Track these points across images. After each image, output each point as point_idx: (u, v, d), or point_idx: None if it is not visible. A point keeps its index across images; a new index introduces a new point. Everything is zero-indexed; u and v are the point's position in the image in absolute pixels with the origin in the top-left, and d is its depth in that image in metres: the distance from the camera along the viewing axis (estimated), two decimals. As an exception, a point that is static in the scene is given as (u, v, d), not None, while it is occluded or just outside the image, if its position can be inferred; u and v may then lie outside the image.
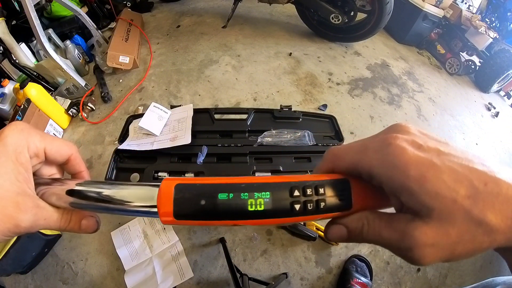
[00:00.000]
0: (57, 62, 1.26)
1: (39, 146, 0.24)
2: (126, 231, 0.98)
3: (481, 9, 2.08)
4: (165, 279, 0.89)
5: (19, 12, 1.34)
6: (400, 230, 0.18)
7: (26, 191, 0.22)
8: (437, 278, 1.01)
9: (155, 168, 0.70)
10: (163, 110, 0.81)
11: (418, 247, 0.17)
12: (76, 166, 0.28)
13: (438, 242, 0.17)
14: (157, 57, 1.69)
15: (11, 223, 0.20)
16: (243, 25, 1.98)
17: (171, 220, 0.20)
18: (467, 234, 0.17)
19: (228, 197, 0.19)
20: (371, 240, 0.20)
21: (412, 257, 0.18)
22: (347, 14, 1.66)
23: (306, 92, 1.53)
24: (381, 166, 0.19)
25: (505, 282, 0.44)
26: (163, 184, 0.21)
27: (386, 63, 1.89)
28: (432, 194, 0.17)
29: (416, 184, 0.17)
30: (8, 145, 0.21)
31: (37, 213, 0.22)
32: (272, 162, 0.74)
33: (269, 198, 0.20)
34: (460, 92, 1.91)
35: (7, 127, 0.23)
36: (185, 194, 0.20)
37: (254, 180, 0.20)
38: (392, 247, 0.19)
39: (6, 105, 1.24)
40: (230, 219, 0.20)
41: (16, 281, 0.89)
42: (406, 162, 0.17)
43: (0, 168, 0.21)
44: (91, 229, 0.26)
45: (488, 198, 0.16)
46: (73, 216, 0.25)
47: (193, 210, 0.20)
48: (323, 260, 0.97)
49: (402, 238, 0.18)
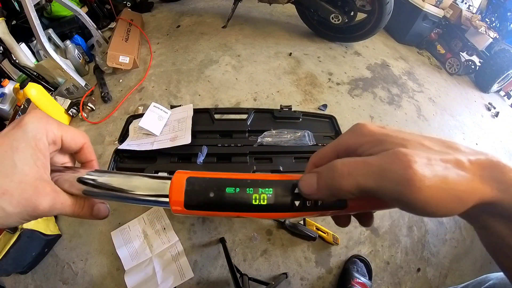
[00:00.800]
0: (57, 62, 1.26)
1: (56, 133, 0.25)
2: (126, 231, 0.98)
3: (481, 9, 2.08)
4: (165, 279, 0.89)
5: (19, 12, 1.34)
6: (391, 154, 0.17)
7: (44, 177, 0.23)
8: (437, 278, 1.01)
9: (155, 168, 0.70)
10: (163, 110, 0.81)
11: (416, 163, 0.16)
12: (88, 155, 0.29)
13: (431, 161, 0.17)
14: (157, 57, 1.69)
15: (31, 206, 0.21)
16: (243, 25, 1.98)
17: (181, 209, 0.22)
18: (449, 164, 0.17)
19: (235, 191, 0.21)
20: (349, 185, 0.18)
21: (413, 181, 0.16)
22: (347, 14, 1.66)
23: (306, 92, 1.53)
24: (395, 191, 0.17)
25: (497, 278, 0.45)
26: (175, 176, 0.22)
27: (386, 63, 1.89)
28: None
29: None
30: (28, 131, 0.22)
31: (54, 197, 0.23)
32: (272, 162, 0.74)
33: (272, 194, 0.21)
34: (460, 92, 1.91)
35: (27, 115, 0.23)
36: (195, 187, 0.22)
37: (259, 177, 0.22)
38: (383, 180, 0.17)
39: (6, 105, 1.24)
40: (235, 211, 0.22)
41: (16, 281, 0.89)
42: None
43: (20, 153, 0.21)
44: (102, 215, 0.27)
45: (450, 147, 0.19)
46: (86, 203, 0.26)
47: (202, 201, 0.21)
48: (323, 260, 0.97)
49: (396, 161, 0.17)
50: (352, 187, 0.18)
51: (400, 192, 0.16)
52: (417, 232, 1.09)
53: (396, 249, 1.03)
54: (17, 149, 0.21)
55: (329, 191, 0.20)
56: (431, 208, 0.17)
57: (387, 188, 0.17)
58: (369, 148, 0.20)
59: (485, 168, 0.17)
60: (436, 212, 0.17)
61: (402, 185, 0.16)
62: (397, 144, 0.18)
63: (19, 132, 0.22)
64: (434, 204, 0.16)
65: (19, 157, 0.21)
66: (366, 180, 0.18)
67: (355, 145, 0.21)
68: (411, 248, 1.05)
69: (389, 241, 1.04)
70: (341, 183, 0.19)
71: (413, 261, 1.02)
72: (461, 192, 0.17)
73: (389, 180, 0.17)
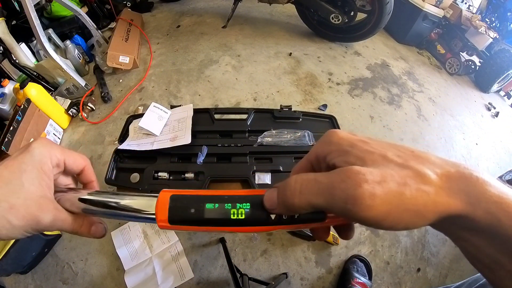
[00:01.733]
0: (57, 62, 1.26)
1: (60, 157, 0.28)
2: (126, 231, 0.98)
3: (481, 9, 2.08)
4: (165, 280, 0.89)
5: (19, 12, 1.34)
6: (342, 173, 0.18)
7: (48, 196, 0.26)
8: (437, 278, 1.01)
9: (155, 168, 0.70)
10: (163, 110, 0.81)
11: (367, 182, 0.16)
12: (88, 176, 0.32)
13: (386, 178, 0.17)
14: (157, 57, 1.69)
15: (34, 221, 0.24)
16: (243, 25, 1.98)
17: (166, 225, 0.23)
18: (409, 178, 0.17)
19: (214, 207, 0.23)
20: (300, 202, 0.19)
21: (362, 199, 0.16)
22: (347, 14, 1.66)
23: (306, 92, 1.53)
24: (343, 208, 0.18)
25: None
26: (160, 195, 0.24)
27: (386, 63, 1.89)
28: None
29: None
30: (35, 155, 0.25)
31: (56, 214, 0.25)
32: (272, 162, 0.74)
33: (249, 209, 0.22)
34: (460, 92, 1.91)
35: (34, 142, 0.27)
36: (177, 203, 0.23)
37: (236, 193, 0.24)
38: (332, 198, 0.17)
39: (6, 105, 1.24)
40: (215, 225, 0.23)
41: (16, 281, 0.89)
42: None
43: (27, 174, 0.24)
44: (99, 234, 0.30)
45: (417, 158, 0.18)
46: (84, 221, 0.29)
47: (184, 217, 0.23)
48: (323, 260, 0.97)
49: (345, 179, 0.17)
50: (303, 204, 0.19)
51: (349, 210, 0.17)
52: (417, 232, 1.09)
53: (396, 249, 1.03)
54: (25, 170, 0.24)
55: (285, 207, 0.20)
56: (387, 223, 0.17)
57: (336, 206, 0.17)
58: (334, 158, 0.20)
59: (453, 181, 0.17)
60: (394, 227, 0.17)
61: (350, 203, 0.17)
62: (358, 157, 0.19)
63: (27, 156, 0.25)
64: (389, 220, 0.17)
65: (26, 177, 0.24)
66: (317, 198, 0.18)
67: (323, 154, 0.22)
68: (411, 248, 1.05)
69: (389, 241, 1.04)
70: (293, 200, 0.19)
71: (413, 261, 1.02)
72: (420, 206, 0.16)
73: (338, 198, 0.17)
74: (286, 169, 0.71)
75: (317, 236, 0.25)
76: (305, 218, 0.22)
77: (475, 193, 0.17)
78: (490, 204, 0.16)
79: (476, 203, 0.16)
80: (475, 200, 0.17)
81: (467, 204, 0.17)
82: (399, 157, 0.18)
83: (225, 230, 0.24)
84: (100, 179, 0.37)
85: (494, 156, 1.53)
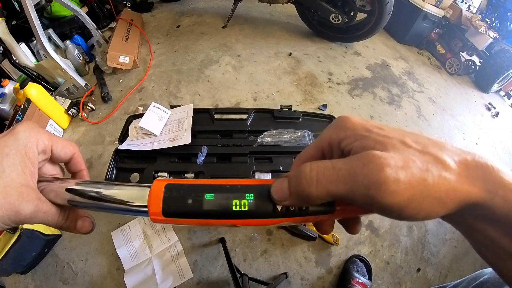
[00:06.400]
0: (57, 62, 1.26)
1: (46, 143, 0.25)
2: (126, 231, 0.98)
3: (481, 9, 2.08)
4: (165, 280, 0.89)
5: (19, 12, 1.34)
6: (362, 157, 0.17)
7: (30, 184, 0.23)
8: (437, 278, 1.01)
9: (155, 168, 0.70)
10: (163, 110, 0.81)
11: (389, 167, 0.15)
12: (77, 165, 0.29)
13: (408, 163, 0.16)
14: (157, 57, 1.69)
15: (13, 211, 0.21)
16: (243, 25, 1.98)
17: (159, 218, 0.21)
18: (430, 164, 0.16)
19: (214, 197, 0.20)
20: (318, 192, 0.18)
21: (385, 184, 0.15)
22: (347, 14, 1.66)
23: (306, 92, 1.53)
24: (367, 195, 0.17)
25: (491, 272, 0.45)
26: (154, 184, 0.22)
27: (386, 63, 1.89)
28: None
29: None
30: (20, 139, 0.23)
31: (38, 205, 0.23)
32: (272, 162, 0.74)
33: (252, 199, 0.20)
34: (460, 92, 1.91)
35: (19, 124, 0.24)
36: (173, 193, 0.21)
37: (239, 182, 0.21)
38: (353, 185, 0.16)
39: (6, 105, 1.24)
40: (215, 218, 0.20)
41: (16, 281, 0.89)
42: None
43: (10, 159, 0.22)
44: (85, 229, 0.27)
45: (435, 144, 0.18)
46: (70, 214, 0.26)
47: (180, 208, 0.20)
48: (323, 260, 0.97)
49: (367, 164, 0.16)
50: (321, 194, 0.18)
51: (373, 196, 0.16)
52: (417, 232, 1.09)
53: (396, 249, 1.03)
54: (7, 155, 0.22)
55: (299, 197, 0.19)
56: (408, 211, 0.16)
57: (358, 194, 0.16)
58: (351, 143, 0.19)
59: (471, 168, 0.17)
60: (415, 216, 0.16)
61: (374, 189, 0.15)
62: (377, 142, 0.18)
63: (10, 139, 0.23)
64: (411, 208, 0.16)
65: (8, 162, 0.22)
66: (336, 186, 0.17)
67: (337, 139, 0.20)
68: (411, 248, 1.05)
69: (389, 241, 1.04)
70: (310, 190, 0.18)
71: (413, 261, 1.02)
72: (442, 194, 0.16)
73: (360, 184, 0.16)
74: (286, 169, 0.71)
75: (322, 230, 0.24)
76: (313, 210, 0.20)
77: (492, 181, 0.16)
78: (507, 192, 0.16)
79: (494, 191, 0.16)
80: (493, 188, 0.16)
81: (486, 191, 0.16)
82: (417, 143, 0.17)
83: (226, 224, 0.21)
84: (100, 179, 0.36)
85: (494, 156, 1.53)
